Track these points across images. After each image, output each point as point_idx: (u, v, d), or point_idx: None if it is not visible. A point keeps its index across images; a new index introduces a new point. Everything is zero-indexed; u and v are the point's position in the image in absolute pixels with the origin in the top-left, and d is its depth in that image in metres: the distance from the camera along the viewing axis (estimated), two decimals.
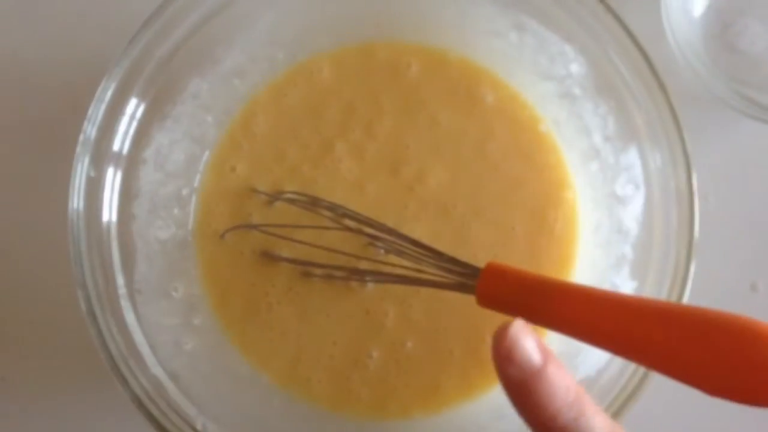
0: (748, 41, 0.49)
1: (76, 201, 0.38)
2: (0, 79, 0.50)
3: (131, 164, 0.41)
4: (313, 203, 0.45)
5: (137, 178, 0.41)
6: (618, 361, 0.37)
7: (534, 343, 0.30)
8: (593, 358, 0.39)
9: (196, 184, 0.45)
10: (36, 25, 0.50)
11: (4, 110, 0.50)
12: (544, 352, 0.30)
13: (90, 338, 0.37)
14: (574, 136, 0.45)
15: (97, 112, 0.39)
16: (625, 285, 0.41)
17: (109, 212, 0.40)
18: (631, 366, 0.37)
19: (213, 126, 0.45)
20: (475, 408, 0.43)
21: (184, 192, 0.45)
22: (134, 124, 0.41)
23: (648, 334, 0.31)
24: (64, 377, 0.46)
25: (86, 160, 0.39)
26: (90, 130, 0.39)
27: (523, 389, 0.29)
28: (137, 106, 0.40)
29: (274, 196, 0.45)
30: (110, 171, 0.40)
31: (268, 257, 0.45)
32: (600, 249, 0.44)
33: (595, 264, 0.44)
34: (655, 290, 0.38)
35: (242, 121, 0.46)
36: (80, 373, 0.46)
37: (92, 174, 0.39)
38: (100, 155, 0.39)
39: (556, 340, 0.42)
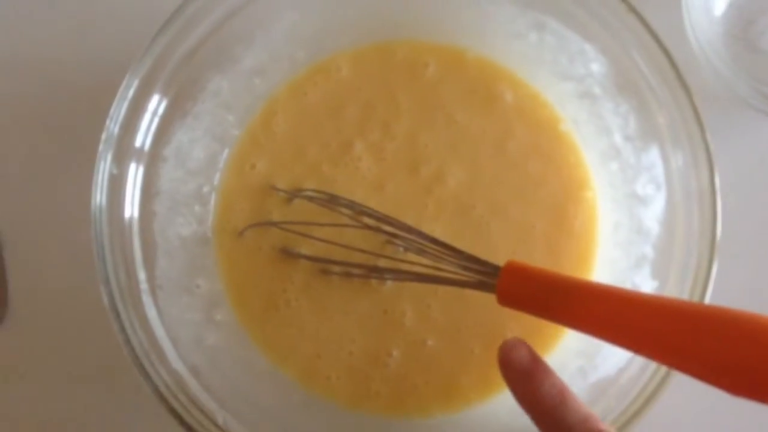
0: None
1: (99, 197, 0.39)
2: (23, 77, 0.50)
3: (152, 162, 0.41)
4: (332, 201, 0.45)
5: (158, 176, 0.42)
6: (638, 361, 0.37)
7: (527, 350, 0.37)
8: (614, 358, 0.39)
9: (216, 181, 0.46)
10: (58, 24, 0.51)
11: (27, 108, 0.50)
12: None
13: (113, 333, 0.38)
14: (593, 136, 0.45)
15: (119, 109, 0.39)
16: (645, 284, 0.40)
17: (131, 209, 0.40)
18: (652, 365, 0.36)
19: (233, 124, 0.46)
20: (495, 406, 0.43)
21: (205, 189, 0.45)
22: (156, 120, 0.41)
23: (669, 333, 0.31)
24: (88, 371, 0.47)
25: (109, 157, 0.39)
26: (113, 127, 0.39)
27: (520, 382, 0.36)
28: (159, 103, 0.41)
29: (294, 194, 0.45)
30: (132, 168, 0.40)
31: (287, 254, 0.45)
32: (619, 249, 0.43)
33: (615, 263, 0.43)
34: (677, 290, 0.38)
35: (262, 119, 0.47)
36: (104, 366, 0.47)
37: (114, 171, 0.39)
38: (122, 152, 0.40)
39: (575, 339, 0.42)
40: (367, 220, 0.44)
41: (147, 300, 0.39)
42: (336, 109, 0.47)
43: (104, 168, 0.39)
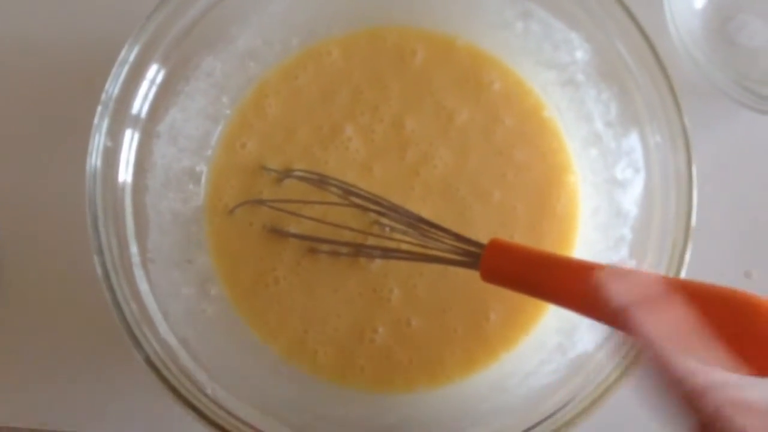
0: (746, 36, 0.51)
1: (95, 160, 0.39)
2: (16, 55, 0.51)
3: (147, 136, 0.42)
4: (321, 181, 0.46)
5: (151, 151, 0.42)
6: (615, 336, 0.38)
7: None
8: (591, 334, 0.40)
9: (208, 159, 0.46)
10: (53, 7, 0.51)
11: (21, 86, 0.51)
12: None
13: (103, 307, 0.38)
14: (575, 123, 0.46)
15: (118, 74, 0.40)
16: (624, 264, 0.42)
17: (125, 176, 0.41)
18: (627, 340, 0.38)
19: (225, 104, 0.47)
20: (477, 381, 0.44)
21: (197, 167, 0.46)
22: (153, 90, 0.41)
23: (647, 304, 0.32)
24: (79, 343, 0.48)
25: (105, 123, 0.39)
26: (111, 90, 0.40)
27: None
28: (156, 73, 0.41)
29: (284, 174, 0.46)
30: (127, 136, 0.41)
31: (277, 233, 0.46)
32: (599, 231, 0.45)
33: (594, 245, 0.45)
34: (653, 269, 0.39)
35: (253, 100, 0.47)
36: (94, 339, 0.47)
37: (109, 143, 0.40)
38: (119, 118, 0.40)
39: (555, 317, 0.44)
40: (355, 200, 0.45)
41: (138, 273, 0.40)
42: (326, 93, 0.48)
43: (101, 133, 0.39)
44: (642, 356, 0.29)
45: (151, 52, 0.41)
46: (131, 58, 0.40)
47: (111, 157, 0.40)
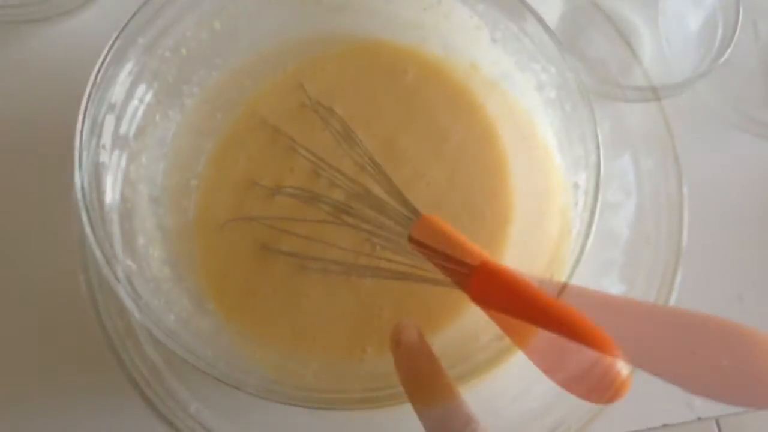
0: (742, 57, 0.51)
1: (81, 181, 0.39)
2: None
3: (136, 152, 0.41)
4: (312, 198, 0.45)
5: (141, 167, 0.42)
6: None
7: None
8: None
9: (199, 175, 0.46)
10: None
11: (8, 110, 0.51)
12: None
13: (89, 324, 0.38)
14: (568, 143, 0.46)
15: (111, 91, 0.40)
16: (614, 288, 0.42)
17: (113, 195, 0.40)
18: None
19: (218, 119, 0.46)
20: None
21: (188, 183, 0.46)
22: (141, 108, 0.41)
23: (638, 333, 0.32)
24: (63, 361, 0.47)
25: (93, 141, 0.39)
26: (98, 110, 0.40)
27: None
28: (145, 92, 0.41)
29: (275, 190, 0.46)
30: (115, 157, 0.40)
31: (267, 249, 0.45)
32: (589, 253, 0.44)
33: (585, 266, 0.44)
34: (643, 293, 0.39)
35: (246, 116, 0.47)
36: (80, 356, 0.47)
37: (99, 159, 0.39)
38: (106, 137, 0.40)
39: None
40: (346, 218, 0.44)
41: (125, 289, 0.40)
42: (319, 108, 0.47)
43: (88, 152, 0.39)
44: None
45: (144, 72, 0.40)
46: (120, 78, 0.40)
47: (99, 171, 0.40)
